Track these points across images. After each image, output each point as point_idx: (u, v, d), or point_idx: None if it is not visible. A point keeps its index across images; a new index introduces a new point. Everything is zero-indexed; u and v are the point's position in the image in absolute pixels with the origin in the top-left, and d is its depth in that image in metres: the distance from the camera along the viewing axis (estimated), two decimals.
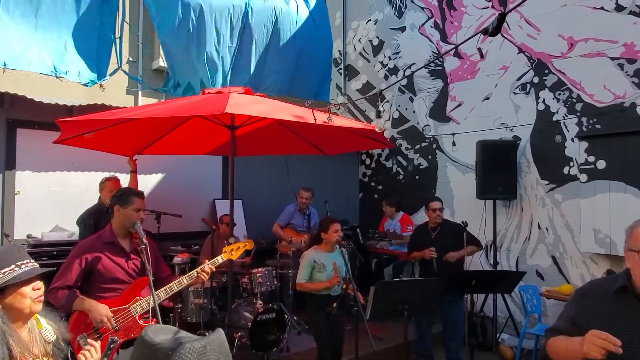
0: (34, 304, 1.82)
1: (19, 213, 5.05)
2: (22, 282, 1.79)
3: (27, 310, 1.82)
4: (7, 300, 1.77)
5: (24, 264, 1.83)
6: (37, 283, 1.86)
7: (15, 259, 1.82)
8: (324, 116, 3.38)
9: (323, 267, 3.85)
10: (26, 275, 1.79)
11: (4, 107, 4.94)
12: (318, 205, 6.28)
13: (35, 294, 1.83)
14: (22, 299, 1.79)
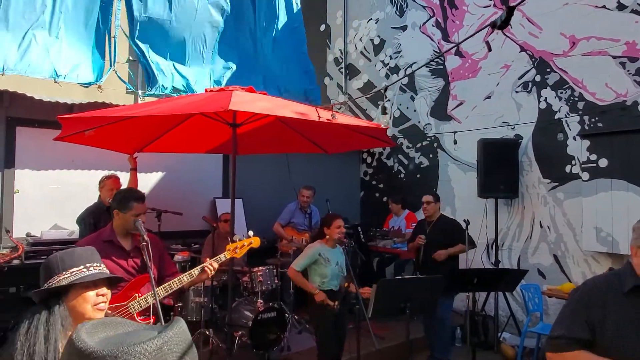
0: (94, 310, 1.71)
1: (18, 211, 5.03)
2: (87, 284, 1.69)
3: (87, 316, 1.68)
4: (70, 303, 1.67)
5: (92, 266, 1.75)
6: (103, 289, 1.75)
7: (85, 261, 1.74)
8: (327, 114, 3.36)
9: (327, 261, 3.84)
10: (91, 278, 1.70)
11: (3, 105, 4.91)
12: (319, 203, 6.26)
13: (97, 300, 1.72)
14: (83, 303, 1.69)
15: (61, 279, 1.67)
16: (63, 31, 5.58)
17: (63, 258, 1.72)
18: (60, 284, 1.65)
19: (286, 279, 5.46)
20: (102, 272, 1.77)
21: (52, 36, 5.52)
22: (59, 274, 1.68)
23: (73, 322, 1.63)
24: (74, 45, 5.67)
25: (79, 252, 1.79)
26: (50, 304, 1.62)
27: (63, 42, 5.59)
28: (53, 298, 1.64)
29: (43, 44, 5.47)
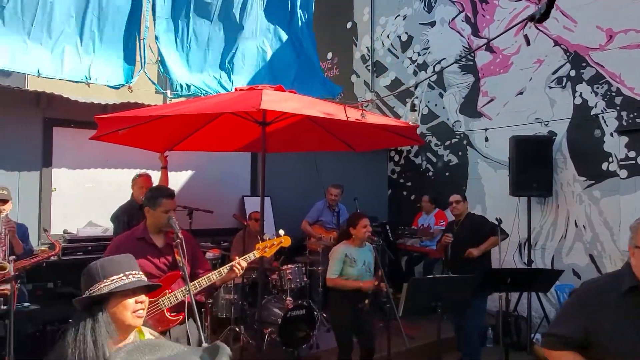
0: (134, 317, 1.76)
1: (55, 209, 5.18)
2: (126, 292, 1.74)
3: (127, 323, 1.75)
4: (111, 310, 1.72)
5: (131, 274, 1.79)
6: (141, 296, 1.80)
7: (124, 269, 1.79)
8: (357, 113, 3.34)
9: (354, 261, 3.81)
10: (130, 286, 1.74)
11: (40, 107, 5.06)
12: (347, 202, 6.25)
13: (136, 307, 1.76)
14: (124, 310, 1.74)
15: (102, 286, 1.72)
16: (95, 34, 5.72)
17: (103, 266, 1.78)
18: (102, 292, 1.71)
19: (315, 277, 5.47)
20: (141, 279, 1.81)
21: (84, 40, 5.67)
22: (99, 282, 1.73)
23: (116, 329, 1.70)
24: (105, 48, 5.79)
25: (118, 260, 1.84)
26: (94, 311, 1.69)
27: (95, 45, 5.73)
28: (95, 305, 1.70)
29: (75, 48, 5.62)
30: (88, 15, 5.65)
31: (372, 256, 3.86)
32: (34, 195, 5.03)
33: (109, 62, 5.83)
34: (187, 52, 6.35)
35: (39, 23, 5.35)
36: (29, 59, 5.29)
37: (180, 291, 2.81)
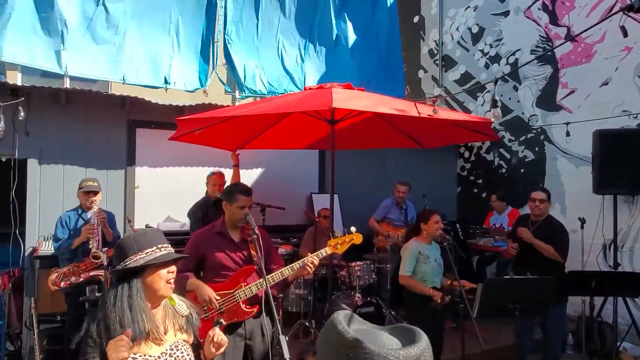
0: (167, 286, 1.92)
1: (138, 205, 5.53)
2: (160, 263, 1.89)
3: (161, 292, 1.91)
4: (147, 280, 1.88)
5: (163, 247, 1.93)
6: (172, 267, 1.95)
7: (156, 242, 1.93)
8: (428, 109, 3.27)
9: (427, 258, 3.74)
10: (165, 258, 1.90)
11: (125, 110, 5.42)
12: (415, 199, 6.15)
13: (168, 277, 1.92)
14: (158, 280, 1.89)
15: (137, 258, 1.86)
16: (175, 40, 6.03)
17: (137, 239, 1.92)
18: (138, 264, 1.85)
19: (383, 274, 5.44)
20: (172, 252, 1.96)
21: (165, 46, 6.00)
22: (135, 254, 1.87)
23: (148, 295, 1.88)
24: (183, 53, 6.10)
25: (151, 234, 2.00)
26: (130, 281, 1.86)
27: (174, 51, 6.04)
28: (131, 275, 1.87)
29: (157, 55, 5.97)
30: (167, 22, 5.98)
31: (439, 253, 3.77)
32: (120, 192, 5.41)
33: (186, 67, 6.13)
34: (257, 52, 6.53)
35: (123, 33, 5.74)
36: (113, 67, 5.70)
37: (255, 285, 2.91)
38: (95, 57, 5.60)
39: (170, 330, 1.92)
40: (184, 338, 1.97)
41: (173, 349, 1.89)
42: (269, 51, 6.66)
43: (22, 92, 4.76)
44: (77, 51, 5.49)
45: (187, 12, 6.11)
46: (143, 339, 1.80)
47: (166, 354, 1.86)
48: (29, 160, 4.94)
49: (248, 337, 2.96)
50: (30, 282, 4.82)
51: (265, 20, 6.58)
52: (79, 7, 5.53)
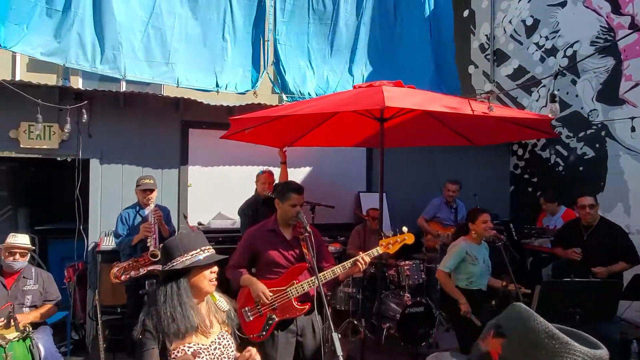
0: (210, 284, 2.10)
1: (191, 203, 5.71)
2: (204, 265, 2.07)
3: (205, 290, 2.09)
4: (192, 279, 2.06)
5: (206, 249, 2.10)
6: (215, 267, 2.12)
7: (199, 244, 2.10)
8: (482, 106, 3.17)
9: (475, 259, 3.64)
10: (208, 260, 2.07)
11: (179, 111, 5.61)
12: (465, 198, 6.00)
13: (211, 276, 2.10)
14: (203, 279, 2.07)
15: (184, 259, 2.03)
16: (227, 42, 6.17)
17: (182, 242, 2.09)
18: (185, 265, 2.02)
19: (433, 274, 5.33)
20: (214, 254, 2.12)
21: (217, 49, 6.14)
22: (180, 255, 2.04)
23: (194, 292, 2.06)
24: (235, 54, 6.23)
25: (194, 237, 2.15)
26: (177, 280, 2.04)
27: (226, 53, 6.18)
28: (178, 275, 2.04)
29: (209, 58, 6.12)
30: (220, 24, 6.12)
31: (488, 254, 3.66)
32: (174, 190, 5.61)
33: (238, 68, 6.25)
34: (306, 52, 6.55)
35: (178, 36, 5.93)
36: (168, 70, 5.91)
37: (307, 282, 2.93)
38: (151, 60, 5.82)
39: (214, 323, 2.10)
40: (227, 329, 2.15)
41: (220, 339, 2.08)
42: (319, 51, 6.67)
43: (85, 96, 5.03)
44: (134, 55, 5.72)
45: (239, 13, 6.22)
46: (194, 331, 1.99)
47: (215, 342, 2.05)
48: (92, 160, 5.22)
49: (299, 334, 2.99)
50: (92, 275, 5.10)
51: (316, 20, 6.60)
52: (135, 12, 5.76)
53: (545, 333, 0.91)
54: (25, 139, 4.96)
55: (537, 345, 0.90)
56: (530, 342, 0.91)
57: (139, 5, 5.76)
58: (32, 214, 6.77)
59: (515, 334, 0.94)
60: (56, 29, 5.32)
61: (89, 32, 5.49)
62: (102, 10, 5.54)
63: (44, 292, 3.74)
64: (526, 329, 0.93)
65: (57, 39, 5.32)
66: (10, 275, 3.67)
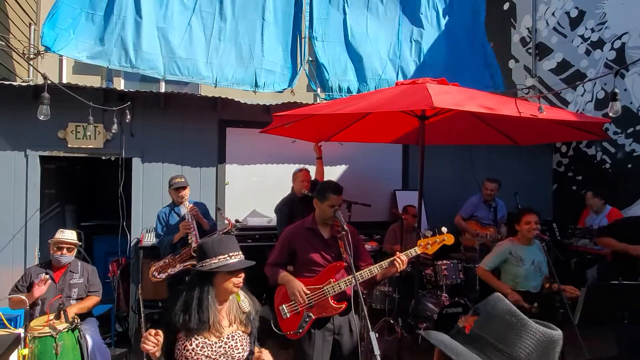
0: (234, 288, 2.21)
1: (229, 200, 5.81)
2: (231, 270, 2.17)
3: (229, 291, 2.21)
4: (218, 282, 2.18)
5: (234, 255, 2.20)
6: (241, 273, 2.22)
7: (228, 249, 2.19)
8: (532, 108, 3.06)
9: (521, 260, 3.54)
10: (235, 267, 2.17)
11: (217, 110, 5.72)
12: (505, 197, 5.84)
13: (237, 281, 2.20)
14: (229, 283, 2.19)
15: (212, 262, 2.15)
16: (265, 41, 6.21)
17: (213, 245, 2.19)
18: (212, 268, 2.14)
19: (471, 274, 5.23)
20: (242, 261, 2.21)
21: (255, 50, 6.20)
22: (210, 258, 2.16)
23: (218, 293, 2.18)
24: (271, 54, 6.26)
25: (225, 242, 2.23)
26: (204, 280, 2.17)
27: (263, 53, 6.22)
28: (206, 276, 2.17)
29: (247, 56, 6.19)
30: (258, 23, 6.17)
31: (543, 255, 3.54)
32: (212, 188, 5.72)
33: (275, 67, 6.29)
34: (344, 50, 6.52)
35: (217, 36, 6.02)
36: (207, 70, 6.01)
37: (344, 281, 2.93)
38: (190, 60, 5.94)
39: (231, 322, 2.22)
40: (242, 329, 2.24)
41: (229, 339, 2.19)
42: (356, 48, 6.62)
43: (127, 97, 5.20)
44: (173, 56, 5.85)
45: (277, 12, 6.25)
46: (206, 329, 2.13)
47: (222, 341, 2.17)
48: (134, 159, 5.39)
49: (336, 333, 2.99)
50: (135, 270, 5.28)
51: (352, 18, 6.55)
52: (174, 13, 5.88)
53: (507, 312, 1.10)
54: (73, 139, 5.18)
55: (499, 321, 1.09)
56: (495, 318, 1.10)
57: (178, 6, 5.88)
58: (79, 211, 7.07)
59: (485, 312, 1.13)
60: (99, 32, 5.51)
61: (130, 34, 5.65)
62: (142, 12, 5.68)
63: (88, 285, 3.90)
64: (494, 308, 1.12)
65: (101, 42, 5.51)
66: (59, 269, 3.85)
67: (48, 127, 4.96)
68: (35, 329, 3.28)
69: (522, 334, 1.06)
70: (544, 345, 1.06)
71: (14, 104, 4.98)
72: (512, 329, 1.07)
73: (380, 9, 6.64)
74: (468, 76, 6.76)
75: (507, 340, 1.06)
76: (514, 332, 1.07)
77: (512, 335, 1.06)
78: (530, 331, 1.06)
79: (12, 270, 4.88)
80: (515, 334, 1.06)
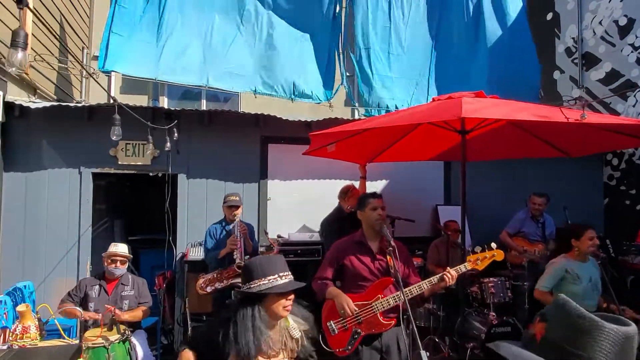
0: (283, 310, 2.09)
1: (270, 216, 5.87)
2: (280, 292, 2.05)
3: (279, 315, 2.09)
4: (267, 304, 2.06)
5: (284, 275, 2.09)
6: (291, 295, 2.10)
7: (278, 270, 2.09)
8: (575, 114, 2.98)
9: (577, 278, 3.40)
10: (285, 288, 2.06)
11: (258, 126, 5.82)
12: (552, 212, 5.64)
13: (287, 303, 2.08)
14: (278, 306, 2.07)
15: (261, 283, 2.03)
16: (304, 54, 6.29)
17: (262, 265, 2.08)
18: (261, 289, 2.02)
19: (519, 292, 5.06)
20: (291, 282, 2.09)
21: (293, 60, 6.28)
22: (259, 279, 2.04)
23: (268, 316, 2.04)
24: (310, 66, 6.33)
25: (274, 262, 2.12)
26: (253, 302, 2.04)
27: (302, 65, 6.30)
28: (255, 298, 2.04)
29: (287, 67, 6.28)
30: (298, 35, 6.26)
31: (599, 272, 3.39)
32: (254, 203, 5.80)
33: (314, 80, 6.36)
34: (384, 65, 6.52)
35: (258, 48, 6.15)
36: (246, 81, 6.12)
37: (392, 297, 2.90)
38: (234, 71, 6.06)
39: (280, 349, 2.10)
40: (292, 356, 2.13)
41: None
42: (396, 62, 6.61)
43: (174, 116, 5.38)
44: (216, 66, 5.96)
45: (315, 24, 6.31)
46: (257, 354, 2.00)
47: None
48: (179, 175, 5.55)
49: (384, 351, 2.95)
50: (180, 284, 5.39)
51: (392, 30, 6.55)
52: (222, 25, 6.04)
53: (576, 315, 1.07)
54: (123, 156, 5.39)
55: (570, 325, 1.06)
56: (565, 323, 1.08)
57: (220, 18, 6.03)
58: (126, 225, 7.32)
59: (554, 318, 1.11)
60: (148, 48, 5.71)
61: (176, 48, 5.82)
62: (187, 26, 5.87)
63: (138, 297, 4.01)
64: (562, 313, 1.10)
65: (149, 58, 5.70)
66: (111, 281, 3.99)
67: (100, 145, 5.19)
68: (89, 339, 3.40)
69: (597, 336, 1.03)
70: (621, 343, 1.03)
71: (69, 123, 5.25)
72: (585, 332, 1.04)
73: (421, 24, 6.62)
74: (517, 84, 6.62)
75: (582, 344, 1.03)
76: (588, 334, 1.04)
77: (586, 338, 1.03)
78: (604, 332, 1.03)
79: (65, 282, 5.08)
80: (589, 336, 1.04)
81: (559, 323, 1.09)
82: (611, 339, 1.03)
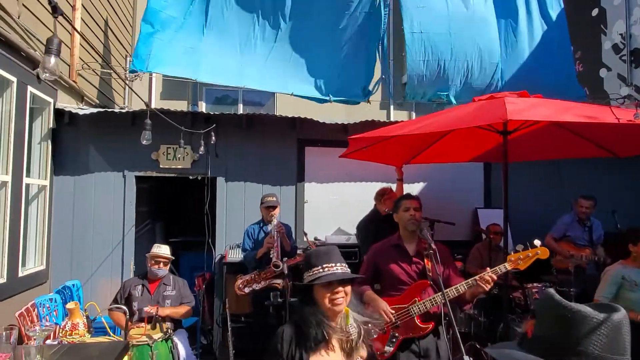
0: (332, 304, 1.89)
1: (307, 218, 5.89)
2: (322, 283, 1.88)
3: (327, 307, 1.89)
4: (316, 297, 1.91)
5: (328, 267, 1.91)
6: (338, 288, 1.89)
7: (323, 262, 1.92)
8: (628, 114, 2.85)
9: (635, 285, 3.25)
10: (326, 279, 1.87)
11: (295, 130, 5.86)
12: (600, 215, 5.39)
13: (333, 297, 1.88)
14: (323, 298, 1.89)
15: (307, 275, 1.93)
16: (341, 54, 6.24)
17: (318, 255, 1.96)
18: (308, 281, 1.91)
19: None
20: (334, 273, 1.89)
21: (329, 60, 6.24)
22: (307, 271, 1.94)
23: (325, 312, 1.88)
24: (348, 66, 6.27)
25: (322, 253, 1.97)
26: (308, 296, 1.93)
27: (340, 65, 6.25)
28: (310, 291, 1.93)
29: (322, 68, 6.24)
30: (336, 35, 6.22)
31: None
32: (291, 206, 5.84)
33: (350, 80, 6.31)
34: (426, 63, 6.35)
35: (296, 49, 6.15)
36: (282, 81, 6.12)
37: (429, 300, 2.85)
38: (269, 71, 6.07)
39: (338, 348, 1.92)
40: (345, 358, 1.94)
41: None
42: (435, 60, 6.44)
43: (212, 120, 5.50)
44: (252, 67, 5.97)
45: (353, 23, 6.24)
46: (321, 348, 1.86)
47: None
48: (218, 178, 5.66)
49: (422, 355, 2.90)
50: (219, 285, 5.48)
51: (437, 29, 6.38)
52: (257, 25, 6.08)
53: (562, 307, 1.05)
54: (164, 160, 5.55)
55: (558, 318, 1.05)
56: (553, 317, 1.06)
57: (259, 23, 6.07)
58: (167, 227, 7.52)
59: (541, 314, 1.11)
60: (188, 51, 5.80)
61: (214, 48, 5.89)
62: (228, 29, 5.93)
63: (180, 297, 4.10)
64: (548, 307, 1.09)
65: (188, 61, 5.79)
66: (154, 281, 4.10)
67: (143, 149, 5.36)
68: (134, 337, 3.51)
69: (585, 327, 1.02)
70: (612, 332, 1.02)
71: (113, 128, 5.45)
72: (572, 325, 1.02)
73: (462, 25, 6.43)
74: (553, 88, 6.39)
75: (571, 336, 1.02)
76: (575, 326, 1.02)
77: (574, 330, 1.02)
78: (592, 322, 1.01)
79: (110, 282, 5.27)
80: (577, 328, 1.02)
81: (546, 318, 1.08)
82: (601, 328, 1.01)
